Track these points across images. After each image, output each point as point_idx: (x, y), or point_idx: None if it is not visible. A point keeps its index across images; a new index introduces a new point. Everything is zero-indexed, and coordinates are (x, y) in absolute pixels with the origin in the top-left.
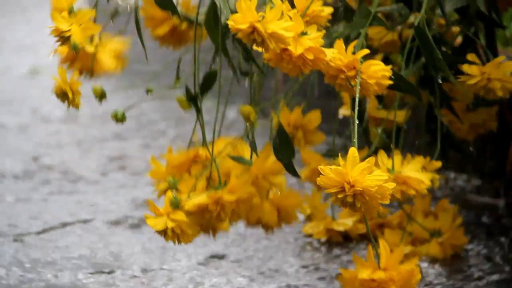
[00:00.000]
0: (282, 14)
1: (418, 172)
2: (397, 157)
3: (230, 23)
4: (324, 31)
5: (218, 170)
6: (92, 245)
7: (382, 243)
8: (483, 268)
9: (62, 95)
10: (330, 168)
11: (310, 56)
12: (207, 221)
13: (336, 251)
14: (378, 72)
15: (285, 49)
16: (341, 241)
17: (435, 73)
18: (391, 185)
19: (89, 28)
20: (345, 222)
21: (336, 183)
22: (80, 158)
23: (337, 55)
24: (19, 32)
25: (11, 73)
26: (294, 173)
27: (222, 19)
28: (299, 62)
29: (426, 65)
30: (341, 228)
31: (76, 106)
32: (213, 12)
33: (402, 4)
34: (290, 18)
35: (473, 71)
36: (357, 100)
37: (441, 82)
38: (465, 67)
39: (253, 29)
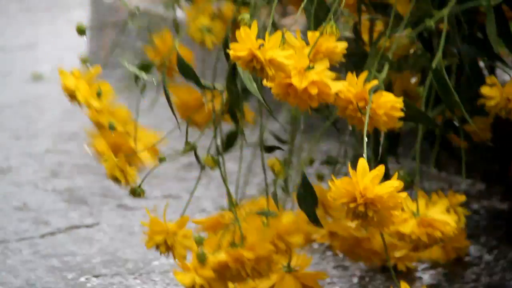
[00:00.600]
0: (284, 42)
1: (443, 214)
2: (422, 199)
3: (230, 52)
4: (326, 64)
5: (241, 229)
6: None
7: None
8: (484, 272)
9: (115, 180)
10: (341, 181)
11: (313, 91)
12: (230, 279)
13: None
14: (387, 103)
15: (290, 84)
16: None
17: (455, 117)
18: (403, 194)
19: (96, 85)
20: None
21: (347, 193)
22: None
23: (347, 87)
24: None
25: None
26: (317, 223)
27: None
28: (305, 96)
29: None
30: None
31: (133, 182)
32: (232, 75)
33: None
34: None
35: (493, 93)
36: (365, 131)
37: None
38: (485, 90)
39: (253, 56)
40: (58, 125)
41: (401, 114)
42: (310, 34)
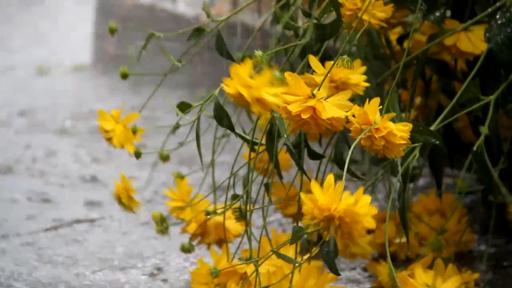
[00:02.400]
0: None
1: None
2: (434, 271)
3: (224, 87)
4: (346, 95)
5: (260, 278)
6: None
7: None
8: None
9: (119, 201)
10: (306, 196)
11: (306, 115)
12: None
13: None
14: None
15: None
16: None
17: (494, 197)
18: (363, 210)
19: (132, 128)
20: None
21: (310, 210)
22: None
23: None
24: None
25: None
26: (336, 272)
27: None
28: (301, 122)
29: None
30: None
31: (131, 211)
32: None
33: None
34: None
35: None
36: None
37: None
38: None
39: (240, 94)
40: None
41: (402, 141)
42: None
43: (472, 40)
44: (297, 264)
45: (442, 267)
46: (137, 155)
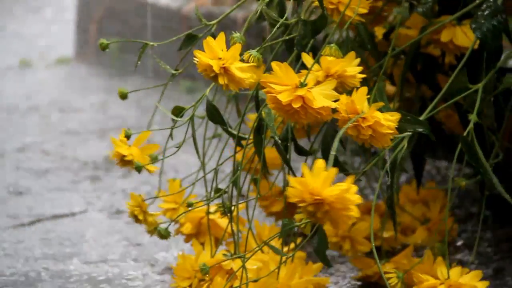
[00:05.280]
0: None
1: (472, 280)
2: (456, 269)
3: (195, 58)
4: (331, 84)
5: (246, 274)
6: None
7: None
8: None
9: (135, 218)
10: (295, 180)
11: (296, 105)
12: None
13: None
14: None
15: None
16: None
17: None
18: (354, 197)
19: (148, 149)
20: None
21: (299, 193)
22: None
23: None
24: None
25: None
26: (327, 264)
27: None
28: (291, 111)
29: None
30: None
31: (150, 226)
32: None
33: None
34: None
35: None
36: None
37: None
38: None
39: (208, 66)
40: None
41: (389, 131)
42: (322, 58)
43: (468, 35)
44: (285, 258)
45: (432, 258)
46: (139, 169)
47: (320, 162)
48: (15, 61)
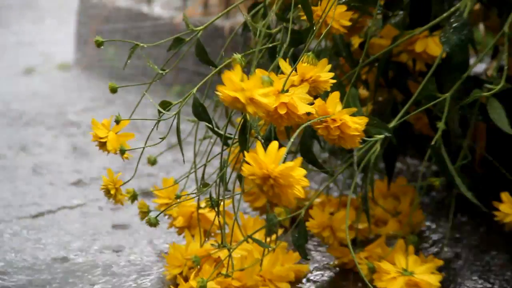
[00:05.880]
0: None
1: (428, 275)
2: (412, 258)
3: (219, 93)
4: (304, 89)
5: (232, 262)
6: None
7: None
8: (439, 246)
9: (107, 192)
10: (250, 156)
11: (282, 111)
12: None
13: None
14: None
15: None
16: None
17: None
18: (299, 172)
19: (123, 136)
20: None
21: (252, 168)
22: None
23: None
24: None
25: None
26: (305, 256)
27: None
28: (276, 116)
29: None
30: None
31: (120, 202)
32: (243, 126)
33: None
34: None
35: (508, 209)
36: None
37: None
38: (501, 206)
39: (235, 98)
40: None
41: (356, 133)
42: (299, 65)
43: (439, 45)
44: (268, 248)
45: (403, 247)
46: (122, 152)
47: (273, 143)
48: (21, 67)
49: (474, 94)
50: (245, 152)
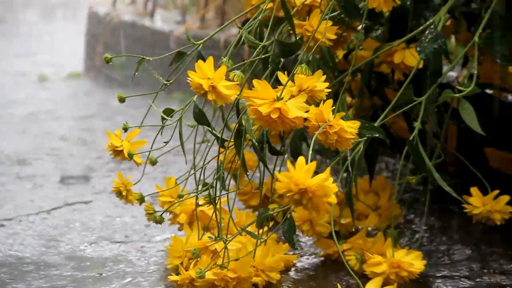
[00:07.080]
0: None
1: (408, 256)
2: (402, 251)
3: (188, 78)
4: (303, 98)
5: (228, 255)
6: None
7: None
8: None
9: (119, 194)
10: (281, 174)
11: (274, 115)
12: None
13: None
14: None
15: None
16: None
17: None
18: (331, 180)
19: (136, 144)
20: None
21: (286, 185)
22: None
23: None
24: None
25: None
26: (293, 246)
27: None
28: (270, 120)
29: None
30: None
31: (130, 202)
32: (238, 130)
33: None
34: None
35: (476, 202)
36: None
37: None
38: (470, 199)
39: (199, 85)
40: None
41: (351, 136)
42: (296, 76)
43: (415, 56)
44: (261, 240)
45: (382, 239)
46: (130, 157)
47: (301, 159)
48: (35, 76)
49: (444, 95)
50: (276, 173)
